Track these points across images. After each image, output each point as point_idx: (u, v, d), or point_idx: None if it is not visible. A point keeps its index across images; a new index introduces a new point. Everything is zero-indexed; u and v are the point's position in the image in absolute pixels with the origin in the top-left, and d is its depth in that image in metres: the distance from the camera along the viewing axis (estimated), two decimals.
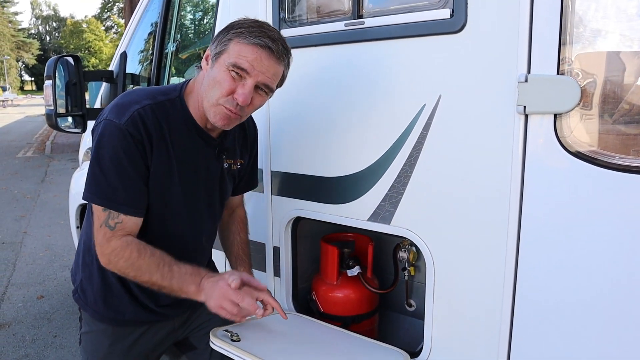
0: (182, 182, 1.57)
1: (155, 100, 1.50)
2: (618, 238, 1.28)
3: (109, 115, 1.45)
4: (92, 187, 1.47)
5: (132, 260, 1.47)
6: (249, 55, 1.41)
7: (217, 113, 1.47)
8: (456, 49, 1.47)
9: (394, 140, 1.62)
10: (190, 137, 1.56)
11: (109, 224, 1.46)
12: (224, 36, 1.46)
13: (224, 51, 1.44)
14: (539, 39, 1.32)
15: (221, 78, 1.43)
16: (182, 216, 1.62)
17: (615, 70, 1.34)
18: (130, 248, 1.47)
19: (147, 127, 1.45)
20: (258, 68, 1.42)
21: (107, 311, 1.66)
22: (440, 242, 1.60)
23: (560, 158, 1.32)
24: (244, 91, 1.43)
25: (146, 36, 3.18)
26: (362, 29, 1.66)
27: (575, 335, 1.37)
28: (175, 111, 1.53)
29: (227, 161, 1.70)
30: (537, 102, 1.33)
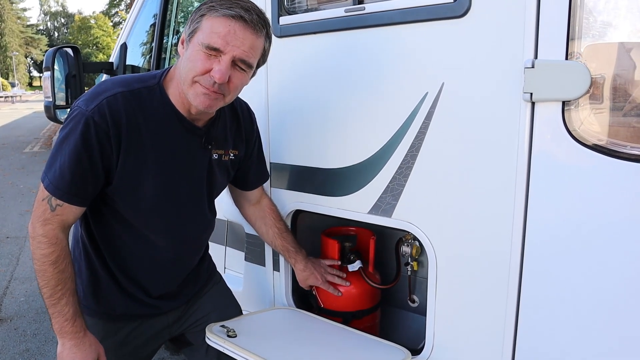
0: (160, 174, 1.50)
1: (129, 87, 1.44)
2: (629, 229, 1.22)
3: (79, 102, 1.41)
4: (47, 168, 1.42)
5: (44, 260, 1.42)
6: (222, 29, 1.34)
7: (196, 94, 1.40)
8: (460, 35, 1.41)
9: (395, 130, 1.57)
10: (171, 127, 1.49)
11: (50, 203, 1.41)
12: (195, 14, 1.39)
13: (197, 29, 1.38)
14: (546, 22, 1.26)
15: (195, 57, 1.37)
16: (161, 209, 1.55)
17: (625, 59, 1.28)
18: (53, 249, 1.42)
19: (115, 115, 1.39)
20: (232, 42, 1.35)
21: (97, 306, 1.62)
22: (443, 236, 1.54)
23: (569, 147, 1.26)
24: (220, 67, 1.35)
25: (146, 27, 3.14)
26: (363, 15, 1.60)
27: (583, 331, 1.32)
28: (153, 99, 1.47)
29: (216, 151, 1.63)
30: (545, 89, 1.27)
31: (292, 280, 2.07)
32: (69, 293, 1.44)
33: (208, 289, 1.86)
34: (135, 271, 1.61)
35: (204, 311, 1.82)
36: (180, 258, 1.69)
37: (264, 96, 1.93)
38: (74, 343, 1.45)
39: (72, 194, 1.41)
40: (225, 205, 2.21)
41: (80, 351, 1.46)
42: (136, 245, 1.58)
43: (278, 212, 1.92)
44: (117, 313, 1.63)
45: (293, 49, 1.84)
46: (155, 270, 1.64)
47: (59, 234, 1.43)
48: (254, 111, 1.83)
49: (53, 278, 1.42)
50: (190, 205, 1.63)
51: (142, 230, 1.55)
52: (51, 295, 1.42)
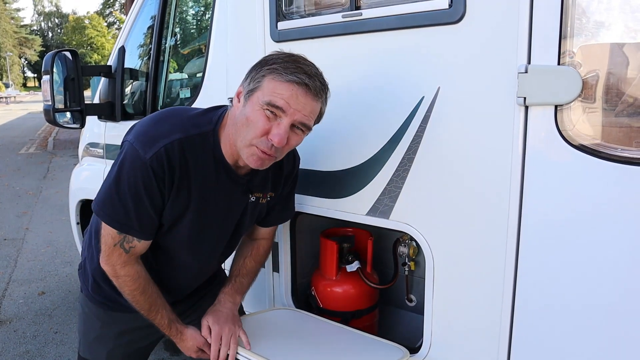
0: (199, 215, 1.55)
1: (186, 133, 1.45)
2: (621, 231, 1.25)
3: (136, 143, 1.42)
4: (107, 207, 1.47)
5: (135, 294, 1.57)
6: (285, 92, 1.34)
7: (251, 154, 1.41)
8: (455, 40, 1.45)
9: (392, 133, 1.60)
10: (216, 174, 1.52)
11: (124, 247, 1.50)
12: (257, 72, 1.39)
13: (257, 88, 1.37)
14: (539, 28, 1.29)
15: (255, 117, 1.37)
16: (190, 243, 1.62)
17: (618, 62, 1.32)
18: (138, 282, 1.56)
19: (172, 164, 1.42)
20: (294, 106, 1.35)
21: (99, 295, 1.70)
22: (440, 237, 1.57)
23: (561, 150, 1.29)
24: (279, 131, 1.36)
25: (145, 30, 3.15)
26: (360, 20, 1.63)
27: (576, 330, 1.35)
28: (205, 146, 1.48)
29: (255, 194, 1.65)
30: (538, 93, 1.30)
31: (291, 281, 2.10)
32: (161, 308, 1.61)
33: (208, 291, 1.90)
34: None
35: (199, 313, 1.82)
36: (190, 281, 1.79)
37: None
38: (177, 341, 1.68)
39: (142, 232, 1.50)
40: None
41: (183, 346, 1.69)
42: (155, 261, 1.65)
43: (262, 257, 1.88)
44: (116, 304, 1.69)
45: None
46: (166, 282, 1.69)
47: (138, 269, 1.56)
48: None
49: (146, 303, 1.59)
50: (214, 246, 1.71)
51: (165, 252, 1.63)
52: (149, 315, 1.61)
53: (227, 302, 1.75)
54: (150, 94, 2.81)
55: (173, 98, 2.99)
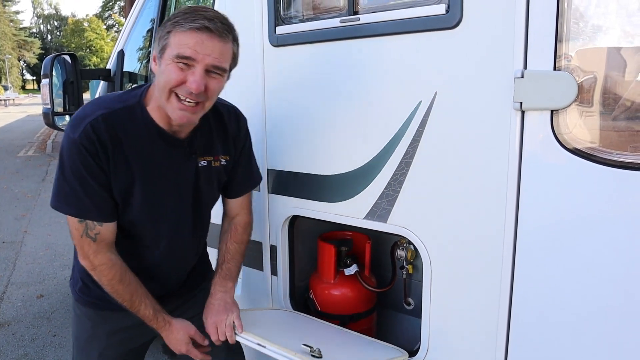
0: (146, 188, 1.55)
1: (110, 109, 1.49)
2: (617, 235, 1.26)
3: (67, 129, 1.47)
4: (61, 197, 1.49)
5: (113, 283, 1.56)
6: (190, 41, 1.39)
7: (174, 108, 1.45)
8: (452, 45, 1.46)
9: (390, 137, 1.61)
10: (153, 142, 1.54)
11: (89, 235, 1.51)
12: (162, 32, 1.45)
13: (166, 46, 1.43)
14: (535, 34, 1.30)
15: (169, 71, 1.41)
16: (148, 221, 1.61)
17: (613, 66, 1.33)
18: (114, 271, 1.56)
19: (100, 138, 1.45)
20: (202, 51, 1.39)
21: (87, 295, 1.70)
22: (437, 240, 1.58)
23: (558, 155, 1.30)
24: (195, 78, 1.40)
25: (144, 34, 3.16)
26: (358, 25, 1.64)
27: (574, 332, 1.36)
28: (134, 117, 1.51)
29: (204, 159, 1.66)
30: (534, 98, 1.31)
31: (289, 284, 2.10)
32: (144, 297, 1.60)
33: (203, 287, 1.88)
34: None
35: (196, 310, 1.82)
36: (172, 265, 1.75)
37: (261, 104, 1.97)
38: (165, 334, 1.66)
39: (100, 214, 1.51)
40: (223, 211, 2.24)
41: (172, 338, 1.67)
42: (129, 253, 1.63)
43: (242, 235, 1.85)
44: (105, 303, 1.67)
45: (289, 58, 1.87)
46: (147, 276, 1.67)
47: (111, 256, 1.56)
48: (251, 118, 1.86)
49: (126, 293, 1.58)
50: (178, 215, 1.67)
51: (135, 236, 1.62)
52: (131, 306, 1.60)
53: (218, 292, 1.75)
54: None
55: None
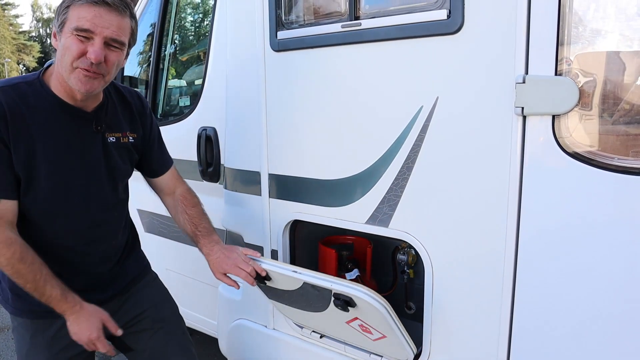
0: (51, 162, 1.54)
1: (9, 83, 1.51)
2: (618, 240, 1.27)
3: None
4: None
5: (13, 262, 1.48)
6: (88, 14, 1.45)
7: (76, 78, 1.48)
8: (453, 50, 1.46)
9: (391, 142, 1.61)
10: (56, 115, 1.55)
11: None
12: (61, 7, 1.48)
13: (65, 20, 1.47)
14: (536, 39, 1.31)
15: (69, 44, 1.46)
16: (58, 196, 1.58)
17: (614, 71, 1.33)
18: (13, 249, 1.48)
19: (4, 111, 1.45)
20: (101, 24, 1.46)
21: (21, 304, 1.63)
22: (439, 245, 1.58)
23: (559, 160, 1.31)
24: (94, 49, 1.45)
25: (144, 38, 3.17)
26: (359, 30, 1.64)
27: (575, 335, 1.36)
28: (34, 92, 1.53)
29: (112, 135, 1.68)
30: (535, 103, 1.32)
31: None
32: (49, 277, 1.51)
33: (142, 285, 1.87)
34: (52, 266, 1.56)
35: (140, 308, 1.83)
36: (94, 247, 1.71)
37: (262, 108, 1.97)
38: (74, 317, 1.54)
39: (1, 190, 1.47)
40: (224, 215, 2.24)
41: (82, 321, 1.54)
42: (46, 239, 1.59)
43: (193, 199, 1.88)
44: (40, 309, 1.58)
45: (290, 63, 1.88)
46: (69, 263, 1.64)
47: (10, 234, 1.49)
48: (252, 123, 1.87)
49: (29, 273, 1.49)
50: (89, 190, 1.65)
51: (47, 222, 1.58)
52: (36, 288, 1.49)
53: (212, 247, 1.75)
54: (149, 101, 2.82)
55: (173, 105, 3.01)
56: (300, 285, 1.67)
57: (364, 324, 1.67)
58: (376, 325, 1.64)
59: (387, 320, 1.56)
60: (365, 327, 1.68)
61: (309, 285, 1.64)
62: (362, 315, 1.63)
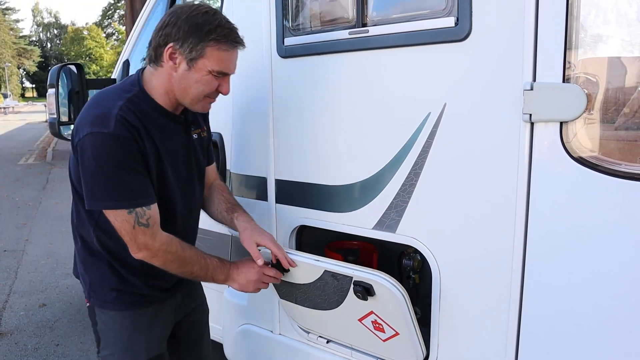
0: (170, 166, 1.65)
1: (124, 98, 1.55)
2: (623, 244, 1.27)
3: (92, 129, 1.48)
4: (104, 195, 1.52)
5: (179, 254, 1.62)
6: (230, 57, 1.59)
7: (204, 105, 1.66)
8: (461, 57, 1.47)
9: (399, 148, 1.62)
10: (162, 122, 1.63)
11: (141, 222, 1.53)
12: (197, 41, 1.52)
13: (201, 55, 1.54)
14: (544, 47, 1.31)
15: (206, 81, 1.58)
16: (177, 198, 1.70)
17: (621, 76, 1.35)
18: (174, 242, 1.62)
19: (132, 123, 1.51)
20: (234, 65, 1.63)
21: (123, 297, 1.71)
22: (446, 251, 1.59)
23: (567, 166, 1.31)
24: (227, 85, 1.63)
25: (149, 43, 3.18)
26: (367, 37, 1.66)
27: (583, 340, 1.36)
28: (143, 103, 1.59)
29: (195, 132, 1.80)
30: (543, 110, 1.32)
31: None
32: (202, 253, 1.69)
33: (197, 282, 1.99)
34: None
35: (194, 302, 1.99)
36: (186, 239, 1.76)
37: (269, 114, 1.98)
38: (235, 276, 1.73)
39: (146, 197, 1.55)
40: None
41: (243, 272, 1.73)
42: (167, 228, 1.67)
43: (227, 188, 2.01)
44: (141, 300, 1.74)
45: (297, 69, 1.89)
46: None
47: (166, 234, 1.60)
48: (260, 128, 1.87)
49: (193, 256, 1.66)
50: (191, 186, 1.79)
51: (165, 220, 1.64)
52: (201, 267, 1.67)
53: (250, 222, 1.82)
54: None
55: None
56: (319, 276, 1.72)
57: (377, 319, 1.69)
58: (391, 319, 1.65)
59: (404, 310, 1.59)
60: (378, 323, 1.70)
61: (329, 274, 1.69)
62: (378, 307, 1.65)
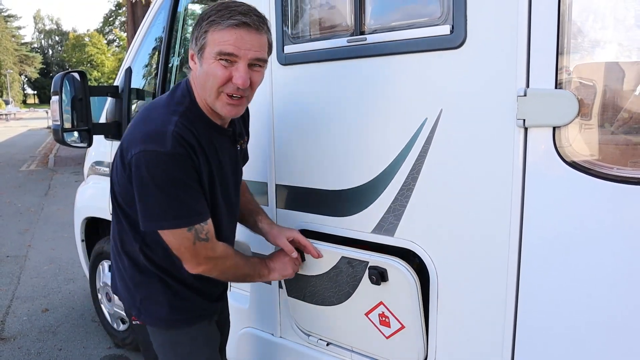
0: (219, 179, 1.64)
1: (178, 113, 1.53)
2: (618, 250, 1.30)
3: (148, 147, 1.45)
4: (163, 215, 1.50)
5: (235, 260, 1.69)
6: (230, 38, 1.44)
7: (223, 104, 1.52)
8: (457, 64, 1.50)
9: (397, 153, 1.65)
10: (212, 135, 1.61)
11: (200, 238, 1.54)
12: (198, 32, 1.49)
13: (204, 45, 1.47)
14: (536, 54, 1.35)
15: (213, 69, 1.47)
16: (223, 208, 1.70)
17: (612, 82, 1.38)
18: (229, 250, 1.69)
19: (188, 141, 1.49)
20: (243, 47, 1.45)
21: (179, 315, 1.73)
22: (443, 254, 1.62)
23: (560, 170, 1.34)
24: (240, 74, 1.46)
25: (151, 51, 3.22)
26: (365, 45, 1.69)
27: (578, 344, 1.39)
28: (195, 116, 1.57)
29: (239, 143, 1.79)
30: (536, 115, 1.36)
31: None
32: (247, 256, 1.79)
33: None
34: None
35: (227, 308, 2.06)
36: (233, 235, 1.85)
37: (269, 121, 2.01)
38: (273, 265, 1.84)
39: (203, 213, 1.56)
40: None
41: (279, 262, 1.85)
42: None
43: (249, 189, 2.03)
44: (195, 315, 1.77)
45: (297, 76, 1.92)
46: None
47: (221, 245, 1.64)
48: (260, 136, 1.91)
49: (241, 259, 1.73)
50: (235, 198, 1.81)
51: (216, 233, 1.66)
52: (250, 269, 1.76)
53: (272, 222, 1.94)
54: None
55: None
56: (334, 264, 1.84)
57: (385, 311, 1.75)
58: (400, 309, 1.71)
59: (414, 298, 1.65)
60: (385, 316, 1.76)
61: (345, 260, 1.80)
62: (389, 296, 1.72)
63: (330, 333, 2.00)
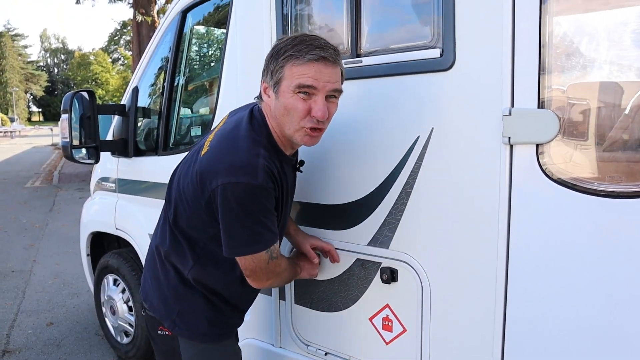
0: (285, 203, 1.72)
1: (263, 146, 1.58)
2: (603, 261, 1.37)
3: (238, 179, 1.50)
4: (250, 241, 1.59)
5: (287, 266, 1.80)
6: (309, 71, 1.48)
7: (303, 136, 1.57)
8: (446, 85, 1.60)
9: (391, 169, 1.74)
10: (282, 165, 1.66)
11: (273, 257, 1.66)
12: (275, 66, 1.53)
13: (281, 79, 1.52)
14: (520, 75, 1.44)
15: (292, 104, 1.51)
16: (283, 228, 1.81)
17: (592, 100, 1.47)
18: (286, 260, 1.81)
19: (275, 176, 1.57)
20: (322, 79, 1.50)
21: (217, 329, 1.81)
22: (435, 265, 1.69)
23: (542, 185, 1.43)
24: (319, 107, 1.50)
25: (157, 71, 3.33)
26: (361, 67, 1.79)
27: (563, 344, 1.46)
28: (272, 148, 1.63)
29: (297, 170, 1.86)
30: (520, 133, 1.44)
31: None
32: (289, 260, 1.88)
33: None
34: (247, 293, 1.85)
35: None
36: None
37: None
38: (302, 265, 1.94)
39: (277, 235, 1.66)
40: None
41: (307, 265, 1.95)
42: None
43: None
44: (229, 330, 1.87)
45: None
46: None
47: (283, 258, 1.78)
48: None
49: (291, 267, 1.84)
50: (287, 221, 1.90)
51: None
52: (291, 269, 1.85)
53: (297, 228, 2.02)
54: (162, 131, 2.96)
55: (183, 135, 3.14)
56: (348, 267, 1.94)
57: (390, 314, 1.83)
58: (404, 313, 1.79)
59: (421, 299, 1.73)
60: (389, 320, 1.84)
61: (358, 263, 1.89)
62: (396, 298, 1.81)
63: (330, 342, 2.06)
